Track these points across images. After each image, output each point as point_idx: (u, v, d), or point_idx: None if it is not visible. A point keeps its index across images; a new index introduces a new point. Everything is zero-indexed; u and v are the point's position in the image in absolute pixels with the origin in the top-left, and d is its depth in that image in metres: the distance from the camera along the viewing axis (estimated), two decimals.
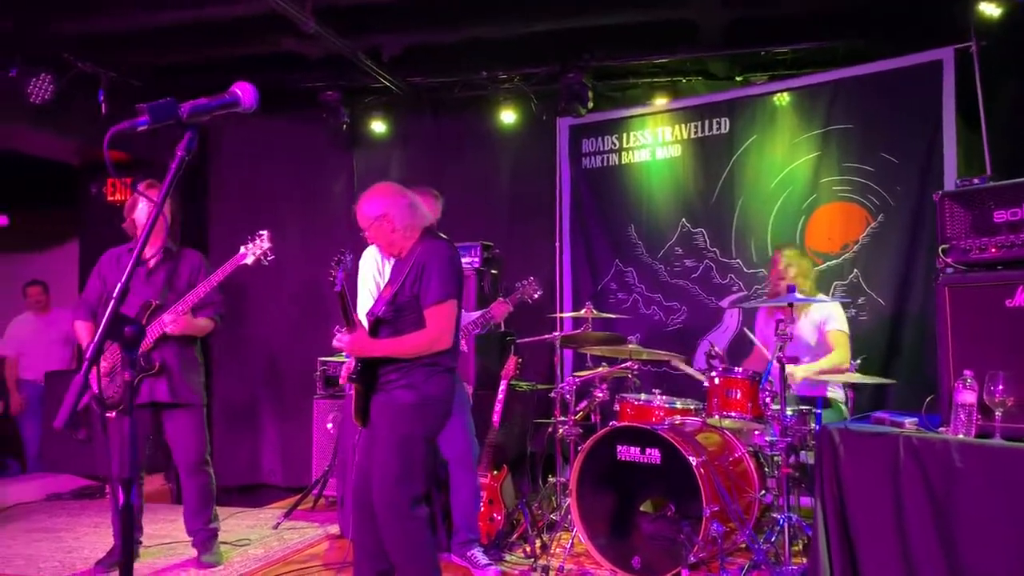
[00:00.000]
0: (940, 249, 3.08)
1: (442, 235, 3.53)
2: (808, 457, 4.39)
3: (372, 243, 3.58)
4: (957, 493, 2.77)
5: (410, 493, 3.26)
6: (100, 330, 1.52)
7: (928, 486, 2.85)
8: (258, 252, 4.28)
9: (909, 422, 3.06)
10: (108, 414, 4.41)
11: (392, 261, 4.30)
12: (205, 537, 4.44)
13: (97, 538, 4.96)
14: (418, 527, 3.28)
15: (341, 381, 3.52)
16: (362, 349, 3.35)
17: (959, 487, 2.76)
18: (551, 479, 5.12)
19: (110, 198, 6.82)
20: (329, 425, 5.84)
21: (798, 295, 4.09)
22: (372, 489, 3.29)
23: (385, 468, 3.27)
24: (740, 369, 4.27)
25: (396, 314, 3.36)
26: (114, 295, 1.53)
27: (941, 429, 2.99)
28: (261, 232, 4.24)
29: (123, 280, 1.51)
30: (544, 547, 4.47)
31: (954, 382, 2.93)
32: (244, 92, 1.72)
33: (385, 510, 3.25)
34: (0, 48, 5.28)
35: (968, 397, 2.87)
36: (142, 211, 4.42)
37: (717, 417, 4.23)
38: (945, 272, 3.08)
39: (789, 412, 3.97)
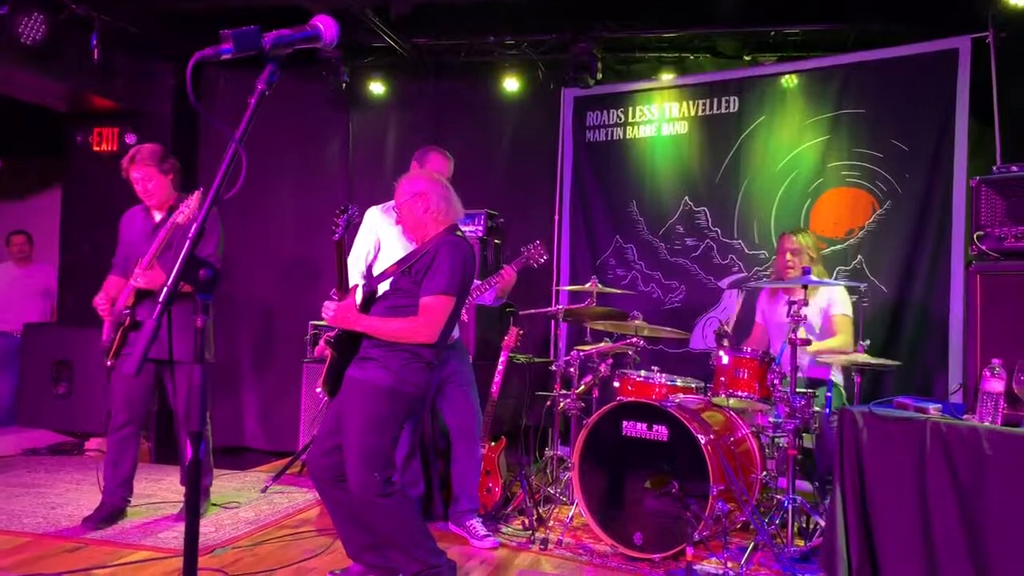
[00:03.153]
0: (975, 236, 3.06)
1: (464, 235, 3.46)
2: (807, 440, 4.41)
3: (400, 223, 3.50)
4: (985, 481, 2.76)
5: (384, 476, 3.20)
6: (174, 273, 1.42)
7: (954, 473, 2.84)
8: (187, 211, 4.09)
9: (933, 408, 3.06)
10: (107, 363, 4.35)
11: (400, 235, 4.23)
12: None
13: (80, 495, 4.84)
14: (395, 501, 3.22)
15: (318, 348, 3.45)
16: (346, 321, 3.28)
17: (988, 475, 2.76)
18: (547, 452, 5.08)
19: (96, 148, 6.59)
20: (319, 390, 5.72)
21: (812, 277, 4.06)
22: (346, 470, 3.21)
23: (358, 451, 3.19)
24: (750, 349, 4.24)
25: (393, 295, 3.33)
26: (189, 236, 1.44)
27: (966, 417, 2.98)
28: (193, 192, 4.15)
29: (199, 219, 1.42)
30: (541, 520, 4.44)
31: (981, 370, 2.92)
32: (326, 26, 1.63)
33: (361, 492, 3.18)
34: None
35: (996, 385, 2.87)
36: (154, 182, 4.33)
37: (724, 396, 4.21)
38: (978, 259, 3.06)
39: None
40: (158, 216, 4.39)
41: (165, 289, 1.37)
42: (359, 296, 3.41)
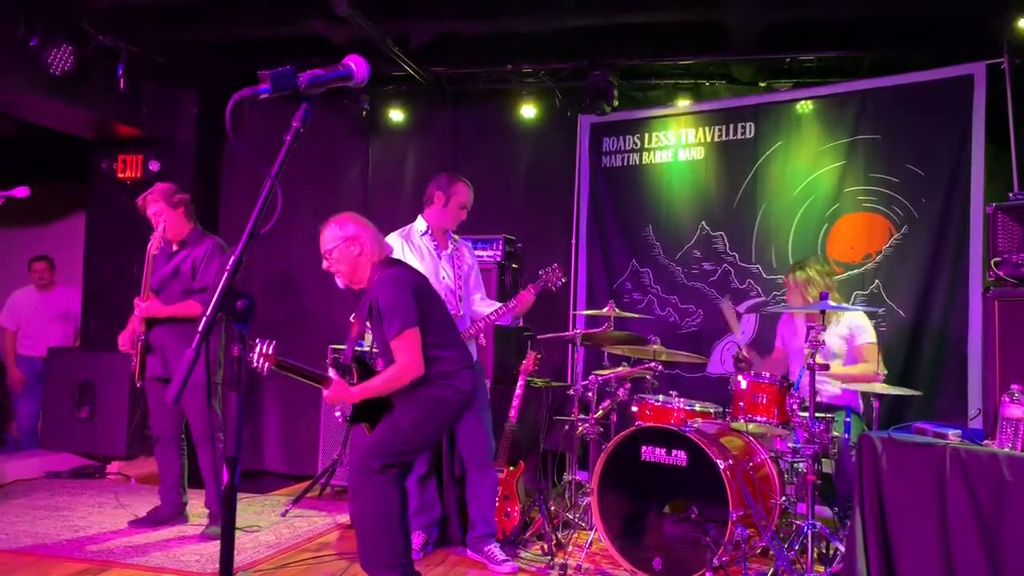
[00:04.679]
0: (992, 262, 3.08)
1: (395, 261, 3.59)
2: (827, 466, 4.40)
3: (331, 269, 3.53)
4: (1005, 507, 2.76)
5: (386, 461, 3.28)
6: (212, 304, 1.47)
7: (974, 499, 2.84)
8: (157, 238, 4.58)
9: (952, 434, 3.06)
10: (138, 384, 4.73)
11: (422, 258, 4.30)
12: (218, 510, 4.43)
13: (103, 518, 4.88)
14: (387, 481, 3.29)
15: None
16: (343, 398, 3.41)
17: (1008, 501, 2.75)
18: (565, 477, 5.09)
19: (120, 175, 6.70)
20: (337, 413, 5.77)
21: (830, 302, 4.08)
22: (362, 446, 3.39)
23: (385, 435, 3.33)
24: (768, 374, 4.25)
25: (380, 343, 3.45)
26: (227, 267, 1.50)
27: (986, 442, 2.99)
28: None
29: (236, 252, 1.47)
30: (559, 545, 4.44)
31: (1000, 396, 2.92)
32: (357, 66, 1.69)
33: (361, 463, 3.30)
34: (21, 17, 5.19)
35: (1015, 411, 2.87)
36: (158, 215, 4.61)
37: (742, 421, 4.21)
38: (996, 285, 3.07)
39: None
40: (174, 247, 4.70)
41: (204, 319, 1.43)
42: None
